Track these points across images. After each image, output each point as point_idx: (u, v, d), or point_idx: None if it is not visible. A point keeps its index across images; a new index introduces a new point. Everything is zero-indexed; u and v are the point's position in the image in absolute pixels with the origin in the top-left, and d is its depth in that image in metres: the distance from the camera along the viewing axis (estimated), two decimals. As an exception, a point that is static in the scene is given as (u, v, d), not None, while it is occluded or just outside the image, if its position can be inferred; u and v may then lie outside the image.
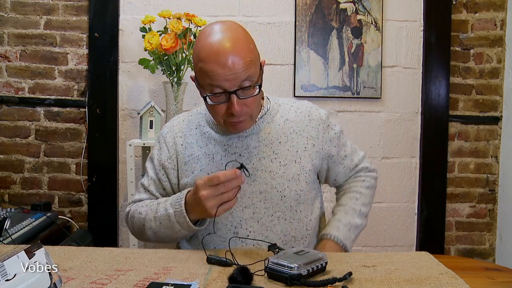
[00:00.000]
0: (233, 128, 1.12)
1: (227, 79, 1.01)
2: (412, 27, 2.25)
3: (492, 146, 2.32)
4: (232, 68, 1.00)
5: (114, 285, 0.82)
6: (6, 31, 2.19)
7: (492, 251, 2.35)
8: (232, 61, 1.00)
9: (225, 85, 1.02)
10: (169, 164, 1.20)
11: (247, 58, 1.02)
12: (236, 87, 1.02)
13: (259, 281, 0.84)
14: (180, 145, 1.20)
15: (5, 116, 2.22)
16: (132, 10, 2.20)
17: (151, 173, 1.23)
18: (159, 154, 1.22)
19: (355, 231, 1.23)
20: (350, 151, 1.29)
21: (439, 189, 2.30)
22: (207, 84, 1.04)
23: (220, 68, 1.00)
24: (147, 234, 1.14)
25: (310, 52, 2.21)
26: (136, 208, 1.18)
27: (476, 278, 0.95)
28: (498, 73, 2.30)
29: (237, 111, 1.04)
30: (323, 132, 1.22)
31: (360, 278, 0.87)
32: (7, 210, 1.87)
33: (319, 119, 1.22)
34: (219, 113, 1.07)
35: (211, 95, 1.04)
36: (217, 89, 1.03)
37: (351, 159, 1.29)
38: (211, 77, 1.01)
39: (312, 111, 1.23)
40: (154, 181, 1.22)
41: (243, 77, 1.01)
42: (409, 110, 2.28)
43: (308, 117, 1.21)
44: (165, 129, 1.25)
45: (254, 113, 1.12)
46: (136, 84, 2.22)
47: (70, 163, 2.24)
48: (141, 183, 1.25)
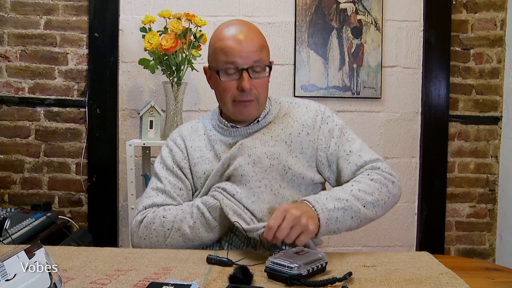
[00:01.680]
0: (242, 108, 1.15)
1: (241, 56, 1.10)
2: (412, 27, 2.25)
3: (492, 146, 2.33)
4: (246, 46, 1.11)
5: (114, 285, 0.82)
6: (6, 31, 2.19)
7: (492, 251, 2.35)
8: (247, 40, 1.12)
9: (239, 62, 1.11)
10: (184, 164, 1.20)
11: (261, 42, 1.14)
12: (248, 65, 1.11)
13: (259, 281, 0.84)
14: (190, 147, 1.21)
15: (5, 116, 2.22)
16: (132, 10, 2.20)
17: (164, 175, 1.19)
18: (171, 156, 1.21)
19: (335, 202, 1.06)
20: (358, 147, 1.19)
21: (439, 189, 2.30)
22: (222, 62, 1.12)
23: (236, 44, 1.11)
24: (172, 238, 1.10)
25: (310, 52, 2.21)
26: (158, 216, 1.12)
27: (476, 278, 0.94)
28: (498, 73, 2.30)
29: (248, 87, 1.10)
30: (320, 123, 1.21)
31: (360, 278, 0.87)
32: (7, 210, 1.87)
33: (318, 110, 1.23)
34: (230, 90, 1.13)
35: (224, 70, 1.12)
36: (230, 65, 1.11)
37: (358, 156, 1.18)
38: (227, 53, 1.11)
39: (310, 104, 1.25)
40: (169, 182, 1.18)
41: (255, 57, 1.11)
42: (409, 110, 2.28)
43: (305, 109, 1.23)
44: (174, 134, 1.27)
45: (261, 98, 1.16)
46: (136, 84, 2.22)
47: (70, 163, 2.24)
48: (151, 188, 1.20)
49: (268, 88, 1.19)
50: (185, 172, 1.19)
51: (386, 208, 1.15)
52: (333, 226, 1.05)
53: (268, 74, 1.16)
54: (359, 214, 1.08)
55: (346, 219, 1.07)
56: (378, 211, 1.12)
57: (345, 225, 1.07)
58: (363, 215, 1.09)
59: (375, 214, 1.12)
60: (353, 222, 1.08)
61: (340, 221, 1.06)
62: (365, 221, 1.11)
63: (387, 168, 1.18)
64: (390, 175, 1.17)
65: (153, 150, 2.13)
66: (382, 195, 1.12)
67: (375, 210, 1.11)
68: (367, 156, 1.19)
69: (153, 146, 1.96)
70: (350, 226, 1.09)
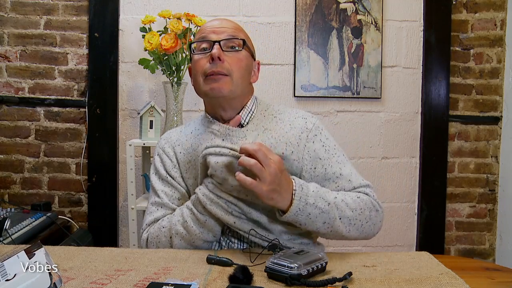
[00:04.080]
0: (212, 82, 1.08)
1: (215, 31, 1.11)
2: (412, 27, 2.25)
3: (492, 146, 2.33)
4: (221, 24, 1.13)
5: (114, 285, 0.82)
6: (6, 31, 2.19)
7: (492, 251, 2.35)
8: (223, 22, 1.15)
9: (212, 37, 1.11)
10: (175, 173, 1.18)
11: (238, 27, 1.16)
12: (221, 39, 1.10)
13: (259, 281, 0.84)
14: (179, 153, 1.18)
15: (5, 116, 2.22)
16: (132, 10, 2.20)
17: (160, 187, 1.18)
18: (163, 166, 1.19)
19: (317, 200, 1.01)
20: (348, 172, 1.12)
21: (439, 189, 2.30)
22: (197, 38, 1.15)
23: (211, 23, 1.14)
24: (175, 244, 1.10)
25: (310, 52, 2.21)
26: (158, 227, 1.12)
27: (476, 278, 0.95)
28: (498, 73, 2.30)
29: (216, 54, 1.07)
30: (305, 141, 1.12)
31: (360, 278, 0.87)
32: (7, 210, 1.87)
33: (303, 127, 1.13)
34: (201, 65, 1.10)
35: (198, 46, 1.13)
36: (203, 40, 1.12)
37: (348, 180, 1.10)
38: (201, 31, 1.14)
39: (297, 120, 1.15)
40: (166, 193, 1.17)
41: (230, 32, 1.12)
42: (409, 110, 2.28)
43: (289, 125, 1.14)
44: (162, 141, 1.23)
45: (235, 75, 1.09)
46: (136, 84, 2.22)
47: (70, 163, 2.24)
48: (151, 203, 1.19)
49: (246, 73, 1.13)
50: (178, 181, 1.17)
51: (361, 232, 1.07)
52: (301, 218, 1.00)
53: (243, 50, 1.11)
54: (333, 223, 1.02)
55: (317, 220, 1.01)
56: (351, 230, 1.05)
57: (314, 226, 1.02)
58: (336, 226, 1.03)
59: (348, 232, 1.05)
60: (323, 227, 1.03)
61: (310, 219, 1.01)
62: (335, 233, 1.05)
63: (375, 196, 1.12)
64: (377, 204, 1.11)
65: (153, 150, 2.13)
66: (362, 216, 1.06)
67: (349, 227, 1.05)
68: (357, 181, 1.11)
69: (153, 146, 1.96)
70: (318, 229, 1.03)
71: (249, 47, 1.15)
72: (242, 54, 1.12)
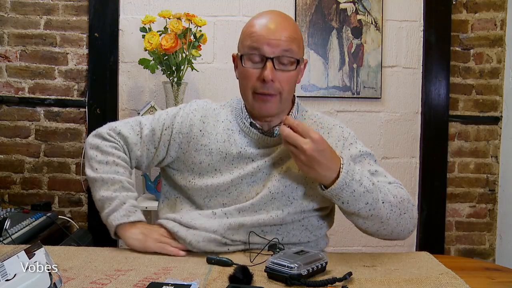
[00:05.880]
0: (261, 103, 1.06)
1: (269, 43, 1.03)
2: (412, 27, 2.25)
3: (492, 146, 2.32)
4: (277, 33, 1.03)
5: (114, 285, 0.82)
6: (6, 31, 2.19)
7: (492, 251, 2.35)
8: (278, 28, 1.04)
9: (265, 50, 1.03)
10: (176, 136, 1.13)
11: (293, 33, 1.06)
12: (275, 55, 1.03)
13: (259, 281, 0.84)
14: (199, 131, 1.13)
15: (5, 116, 2.21)
16: (132, 10, 2.20)
17: (150, 127, 1.15)
18: (175, 117, 1.14)
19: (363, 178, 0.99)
20: (383, 170, 1.12)
21: (439, 189, 2.30)
22: (248, 47, 1.06)
23: (265, 31, 1.04)
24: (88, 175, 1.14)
25: (310, 52, 2.21)
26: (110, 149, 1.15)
27: (476, 278, 0.95)
28: (498, 73, 2.30)
29: (269, 77, 1.02)
30: (342, 148, 1.12)
31: (360, 278, 0.87)
32: (7, 210, 1.87)
33: (340, 136, 1.14)
34: (251, 79, 1.05)
35: (248, 56, 1.05)
36: (255, 52, 1.04)
37: (384, 176, 1.10)
38: (255, 38, 1.04)
39: (334, 129, 1.15)
40: (148, 136, 1.14)
41: (284, 46, 1.04)
42: (409, 110, 2.28)
43: (327, 134, 1.14)
44: (194, 104, 1.17)
45: (284, 95, 1.07)
46: (136, 84, 2.22)
47: (70, 163, 2.24)
48: (140, 122, 1.17)
49: (294, 87, 1.11)
50: (170, 144, 1.13)
51: (397, 223, 1.04)
52: (345, 194, 0.97)
53: (296, 69, 1.07)
54: (375, 205, 0.99)
55: (361, 199, 0.97)
56: (391, 218, 1.02)
57: (356, 206, 0.98)
58: (377, 208, 0.99)
59: (388, 219, 1.01)
60: (364, 208, 0.99)
61: (354, 196, 0.97)
62: (374, 219, 1.01)
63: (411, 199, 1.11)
64: (411, 199, 1.10)
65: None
66: (402, 205, 1.04)
67: (390, 214, 1.01)
68: (391, 178, 1.11)
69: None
70: (359, 210, 0.99)
71: (299, 61, 1.08)
72: (293, 69, 1.07)
